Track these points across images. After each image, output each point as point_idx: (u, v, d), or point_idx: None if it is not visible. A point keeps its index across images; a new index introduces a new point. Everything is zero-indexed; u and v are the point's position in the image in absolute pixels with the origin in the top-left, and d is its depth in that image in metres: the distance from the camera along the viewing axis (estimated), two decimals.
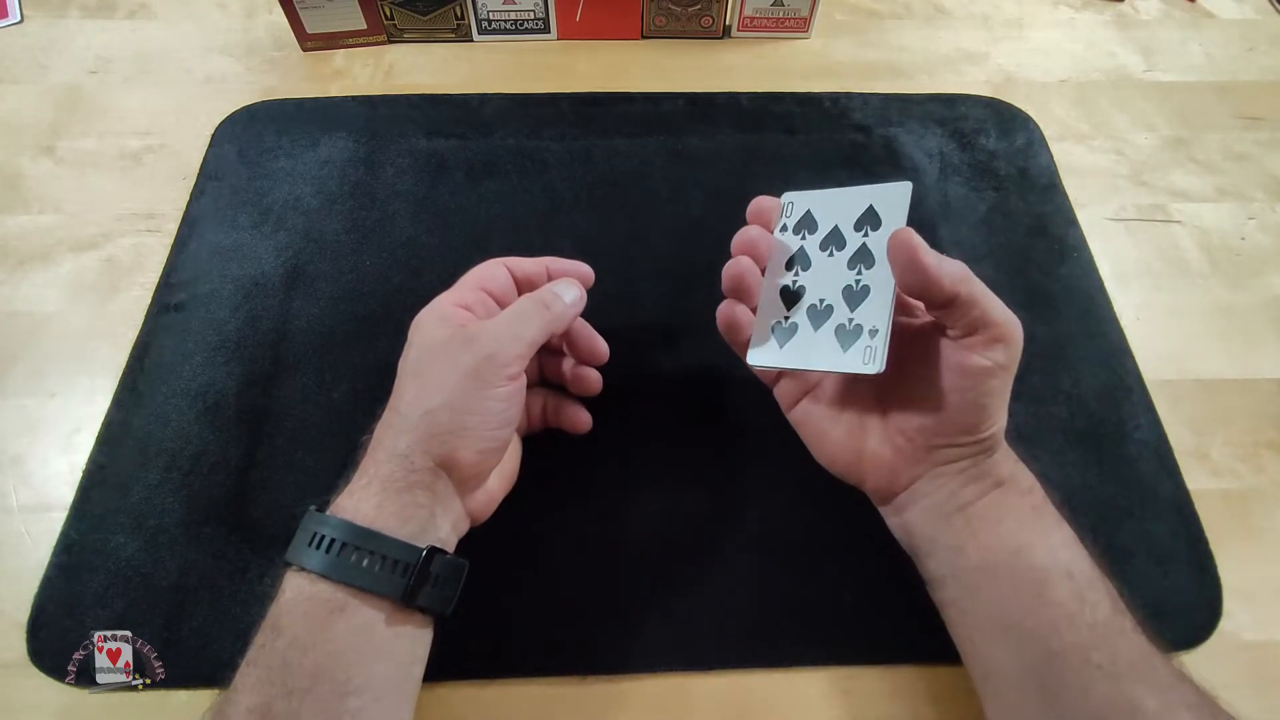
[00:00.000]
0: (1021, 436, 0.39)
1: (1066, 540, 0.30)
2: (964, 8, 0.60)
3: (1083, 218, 0.48)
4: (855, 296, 0.30)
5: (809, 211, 0.33)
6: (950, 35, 0.58)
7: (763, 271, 0.34)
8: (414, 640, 0.29)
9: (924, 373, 0.30)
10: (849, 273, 0.31)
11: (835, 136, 0.51)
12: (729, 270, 0.33)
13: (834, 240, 0.32)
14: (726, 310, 0.33)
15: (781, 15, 0.56)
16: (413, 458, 0.29)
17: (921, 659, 0.34)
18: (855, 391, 0.33)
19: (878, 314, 0.29)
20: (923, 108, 0.53)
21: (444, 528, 0.30)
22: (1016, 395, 0.40)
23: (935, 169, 0.49)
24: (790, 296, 0.32)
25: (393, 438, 0.29)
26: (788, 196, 0.34)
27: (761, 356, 0.33)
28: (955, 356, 0.29)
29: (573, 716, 0.33)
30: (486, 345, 0.30)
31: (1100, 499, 0.38)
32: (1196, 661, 0.34)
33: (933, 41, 0.58)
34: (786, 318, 0.32)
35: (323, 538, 0.27)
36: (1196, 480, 0.38)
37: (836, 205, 0.32)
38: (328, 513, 0.29)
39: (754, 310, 0.34)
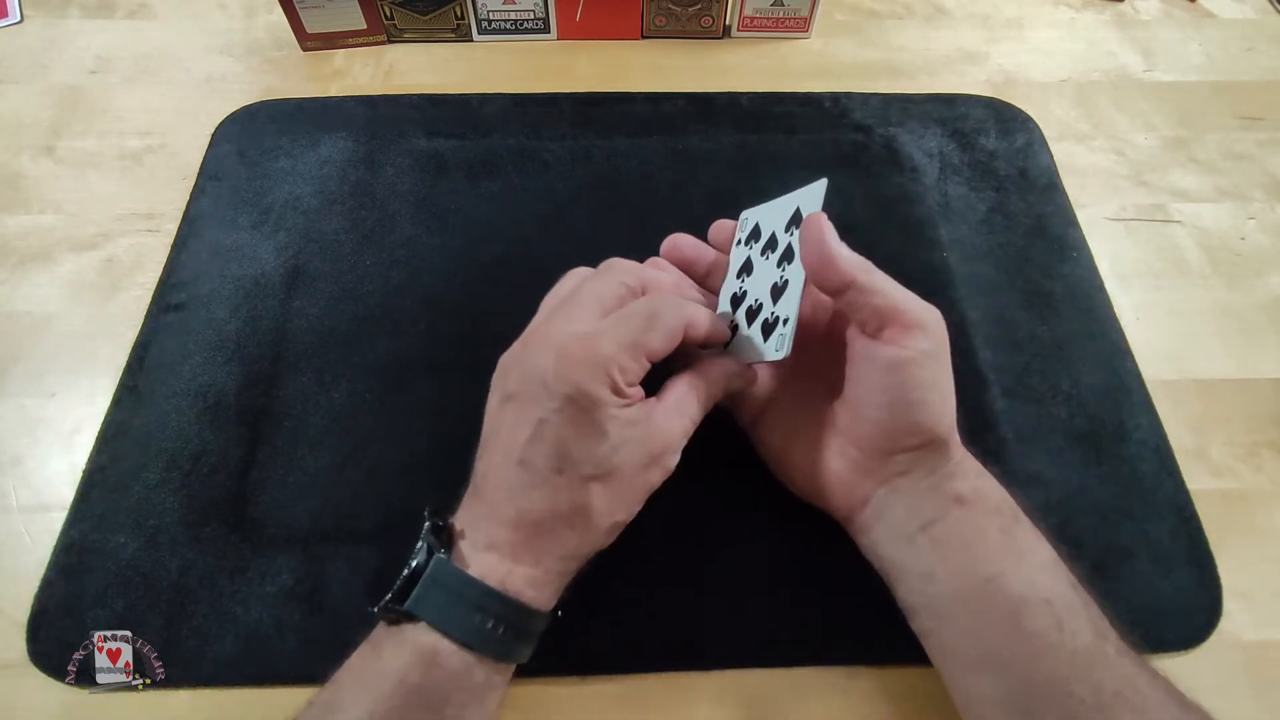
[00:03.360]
0: (1021, 436, 0.39)
1: (1043, 563, 0.29)
2: (964, 8, 0.60)
3: (1083, 218, 0.48)
4: (778, 292, 0.31)
5: (757, 224, 0.34)
6: (950, 35, 0.58)
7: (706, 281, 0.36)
8: None
9: (860, 377, 0.30)
10: (776, 271, 0.32)
11: (835, 136, 0.51)
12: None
13: (770, 244, 0.33)
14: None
15: (781, 15, 0.56)
16: (582, 557, 0.29)
17: (921, 659, 0.33)
18: (807, 408, 0.33)
19: (789, 304, 0.30)
20: (923, 108, 0.53)
21: None
22: (1015, 394, 0.40)
23: (935, 169, 0.49)
24: (736, 301, 0.34)
25: (574, 542, 0.29)
26: (744, 214, 0.36)
27: None
28: (881, 353, 0.29)
29: (573, 716, 0.33)
30: (669, 464, 0.30)
31: (1100, 499, 0.38)
32: (1196, 661, 0.34)
33: (933, 41, 0.58)
34: (733, 320, 0.33)
35: (500, 621, 0.27)
36: (1196, 480, 0.38)
37: (776, 212, 0.34)
38: (489, 582, 0.27)
39: None
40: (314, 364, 0.41)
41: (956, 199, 0.48)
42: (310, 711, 0.27)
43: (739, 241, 0.35)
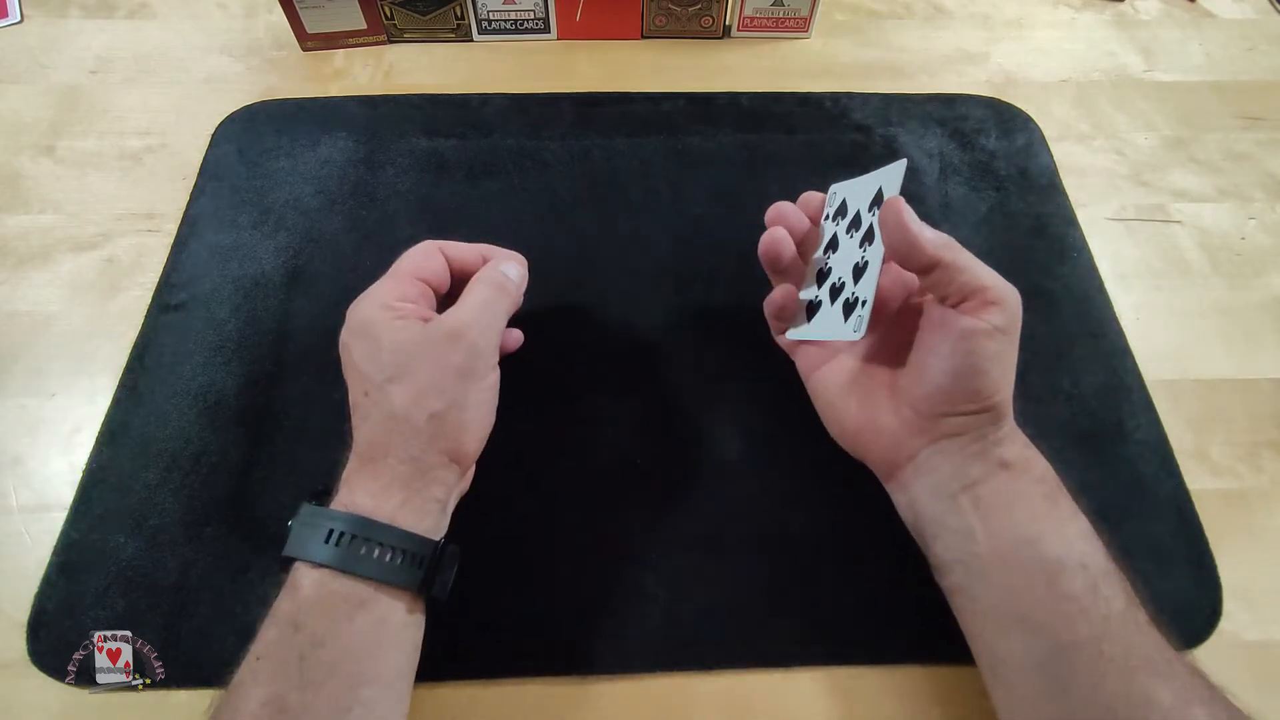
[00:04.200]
0: None
1: (1082, 532, 0.30)
2: (964, 8, 0.60)
3: (1083, 218, 0.48)
4: (858, 272, 0.33)
5: (844, 200, 0.36)
6: (950, 35, 0.58)
7: (799, 248, 0.37)
8: (419, 627, 0.30)
9: (931, 343, 0.31)
10: (858, 251, 0.33)
11: (835, 136, 0.51)
12: (765, 247, 0.36)
13: (855, 223, 0.34)
14: (777, 296, 0.36)
15: (781, 15, 0.56)
16: (426, 459, 0.30)
17: (922, 659, 0.34)
18: (871, 364, 0.34)
19: (867, 286, 0.32)
20: (923, 108, 0.53)
21: (449, 513, 0.32)
22: (1016, 395, 0.40)
23: (935, 169, 0.49)
24: (821, 276, 0.35)
25: (402, 444, 0.30)
26: (832, 188, 0.37)
27: (795, 332, 0.37)
28: (956, 322, 0.30)
29: (573, 716, 0.33)
30: (472, 341, 0.31)
31: (1100, 499, 0.37)
32: (1196, 661, 0.34)
33: (933, 41, 0.58)
34: (817, 295, 0.35)
35: (341, 534, 0.28)
36: (1196, 480, 0.38)
37: (860, 189, 0.35)
38: (336, 508, 0.29)
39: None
40: (314, 364, 0.40)
41: (957, 199, 0.48)
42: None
43: (827, 216, 0.37)
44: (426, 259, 0.34)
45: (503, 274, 0.34)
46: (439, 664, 0.32)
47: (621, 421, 0.39)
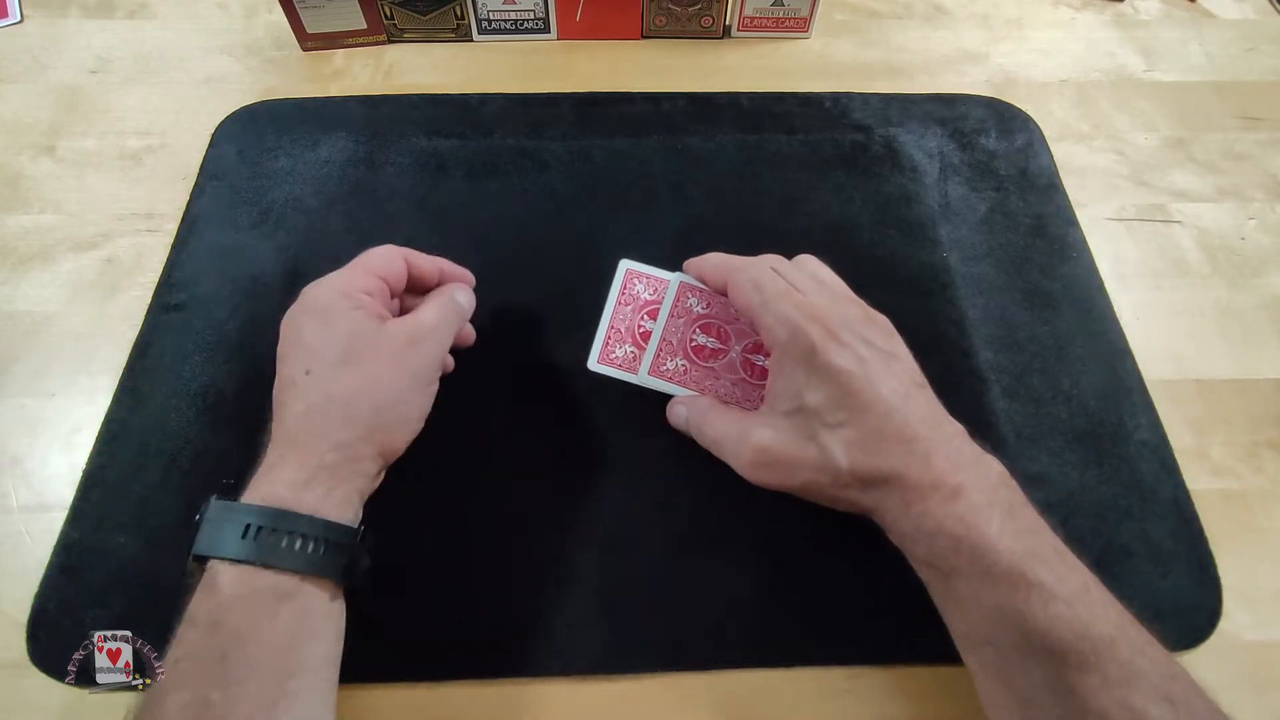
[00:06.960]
0: (1021, 436, 0.39)
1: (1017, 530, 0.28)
2: (964, 8, 0.60)
3: (1083, 218, 0.48)
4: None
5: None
6: (950, 35, 0.58)
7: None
8: (341, 615, 0.30)
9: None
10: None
11: (835, 136, 0.51)
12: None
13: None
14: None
15: (781, 15, 0.56)
16: (357, 448, 0.30)
17: (921, 659, 0.34)
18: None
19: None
20: (923, 108, 0.53)
21: (363, 505, 0.32)
22: (1016, 394, 0.40)
23: (935, 169, 0.49)
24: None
25: (336, 429, 0.30)
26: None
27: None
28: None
29: (573, 717, 0.33)
30: (429, 349, 0.33)
31: (1100, 499, 0.38)
32: (1196, 661, 0.34)
33: (933, 41, 0.58)
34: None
35: (259, 528, 0.28)
36: (1196, 480, 0.38)
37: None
38: (250, 500, 0.29)
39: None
40: None
41: (956, 199, 0.48)
42: None
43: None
44: (389, 260, 0.35)
45: (456, 300, 0.36)
46: (434, 665, 0.32)
47: (622, 421, 0.39)
